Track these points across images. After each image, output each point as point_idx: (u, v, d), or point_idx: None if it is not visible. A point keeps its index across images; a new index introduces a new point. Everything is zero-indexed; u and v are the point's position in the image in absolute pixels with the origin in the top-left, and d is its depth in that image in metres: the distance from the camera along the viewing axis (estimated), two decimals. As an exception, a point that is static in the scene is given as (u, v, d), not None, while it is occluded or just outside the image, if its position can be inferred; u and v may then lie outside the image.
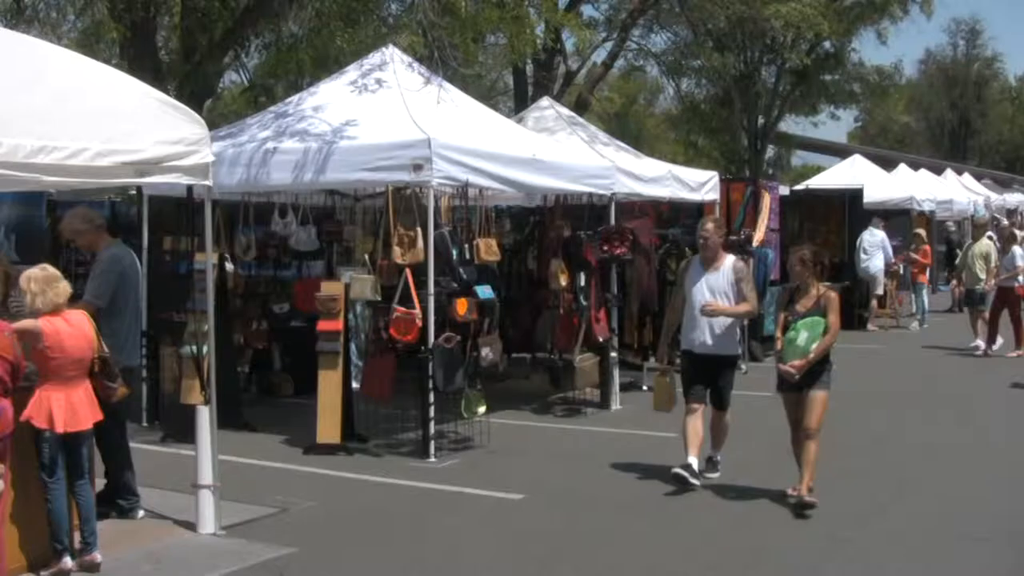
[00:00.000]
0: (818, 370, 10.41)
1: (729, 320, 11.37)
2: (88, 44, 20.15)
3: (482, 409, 13.08)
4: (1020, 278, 21.63)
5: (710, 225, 11.58)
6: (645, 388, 16.72)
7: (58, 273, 8.52)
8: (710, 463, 11.69)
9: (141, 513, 10.07)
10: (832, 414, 13.66)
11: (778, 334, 10.70)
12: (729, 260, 11.49)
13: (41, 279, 8.38)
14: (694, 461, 11.08)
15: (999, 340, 21.68)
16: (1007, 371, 19.27)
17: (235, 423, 13.51)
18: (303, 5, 17.39)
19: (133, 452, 10.36)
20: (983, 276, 21.69)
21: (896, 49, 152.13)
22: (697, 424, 11.23)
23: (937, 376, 19.49)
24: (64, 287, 8.48)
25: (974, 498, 11.09)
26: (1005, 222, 38.84)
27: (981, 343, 21.64)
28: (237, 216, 15.51)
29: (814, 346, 10.29)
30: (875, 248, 25.76)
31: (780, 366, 10.53)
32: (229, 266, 15.15)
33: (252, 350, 16.33)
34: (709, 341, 11.29)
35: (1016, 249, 21.98)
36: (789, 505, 10.38)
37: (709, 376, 11.38)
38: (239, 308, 15.64)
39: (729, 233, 20.30)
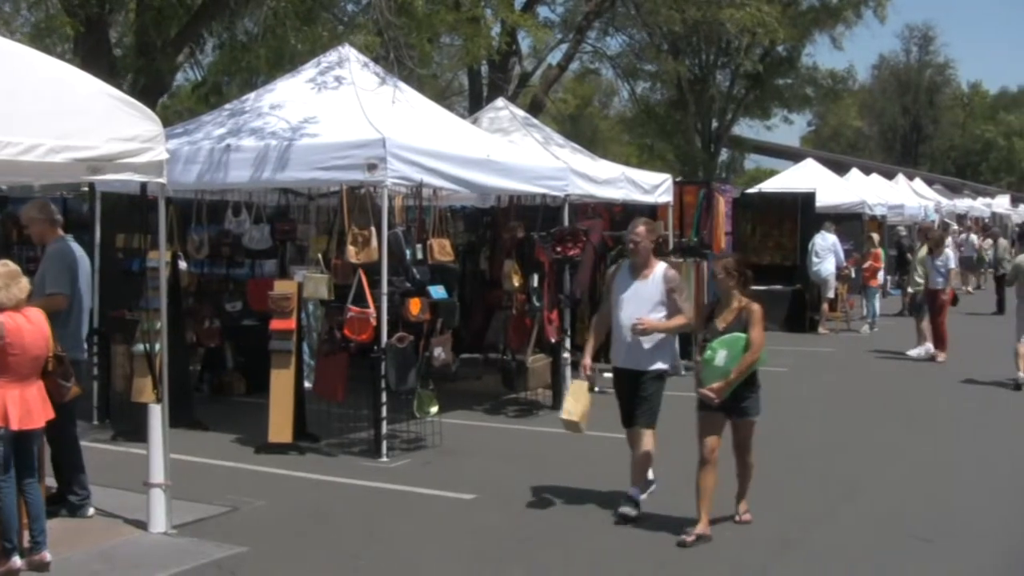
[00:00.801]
0: (743, 393, 9.60)
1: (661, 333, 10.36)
2: (41, 39, 19.98)
3: (434, 409, 13.09)
4: (953, 281, 21.84)
5: (641, 228, 10.44)
6: (596, 390, 16.75)
7: (19, 269, 8.50)
8: (628, 499, 10.33)
9: (91, 511, 10.04)
10: (783, 417, 13.82)
11: (696, 356, 9.91)
12: (660, 268, 10.46)
13: (4, 274, 8.35)
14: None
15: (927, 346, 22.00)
16: (955, 373, 19.49)
17: (187, 422, 13.46)
18: (259, 3, 17.33)
19: (84, 450, 10.34)
20: (923, 282, 21.85)
21: (850, 54, 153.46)
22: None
23: (887, 379, 19.64)
24: (25, 283, 8.47)
25: (923, 499, 11.24)
26: (955, 226, 39.25)
27: (930, 347, 21.84)
28: (190, 214, 15.46)
29: (735, 365, 9.41)
30: (827, 252, 25.90)
31: (699, 390, 9.60)
32: (182, 264, 15.09)
33: (204, 349, 16.29)
34: (634, 354, 10.33)
35: (948, 252, 22.20)
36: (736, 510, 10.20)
37: (635, 393, 10.40)
38: (191, 306, 15.58)
39: (682, 236, 20.52)
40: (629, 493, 10.35)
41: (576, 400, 10.76)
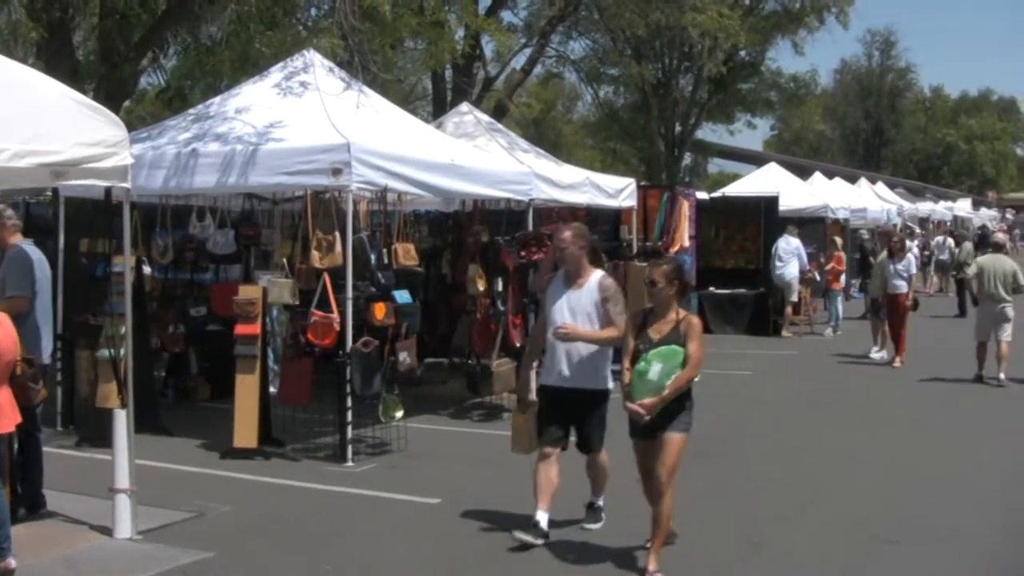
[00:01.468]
0: (674, 409, 8.70)
1: (593, 347, 9.61)
2: (4, 42, 19.88)
3: (399, 413, 13.09)
4: (914, 285, 21.98)
5: (567, 233, 9.76)
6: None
7: None
8: (591, 510, 10.18)
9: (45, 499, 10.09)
10: (746, 420, 13.83)
11: (626, 365, 8.88)
12: (595, 276, 9.70)
13: None
14: (542, 517, 9.59)
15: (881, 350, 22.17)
16: (917, 376, 19.64)
17: (152, 427, 13.38)
18: (223, 7, 17.30)
19: (48, 456, 10.33)
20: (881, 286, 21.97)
21: (812, 58, 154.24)
22: (551, 472, 9.68)
23: (850, 382, 19.74)
24: None
25: (888, 501, 11.32)
26: (918, 231, 39.43)
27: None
28: (154, 218, 15.41)
29: (670, 381, 8.61)
30: (790, 255, 25.97)
31: (628, 405, 8.74)
32: (146, 269, 15.06)
33: (169, 354, 16.22)
34: (568, 372, 9.60)
35: (910, 256, 22.34)
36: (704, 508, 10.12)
37: (570, 415, 9.70)
38: (156, 311, 15.53)
39: (646, 240, 20.60)
40: (595, 504, 10.23)
41: (518, 440, 10.35)
